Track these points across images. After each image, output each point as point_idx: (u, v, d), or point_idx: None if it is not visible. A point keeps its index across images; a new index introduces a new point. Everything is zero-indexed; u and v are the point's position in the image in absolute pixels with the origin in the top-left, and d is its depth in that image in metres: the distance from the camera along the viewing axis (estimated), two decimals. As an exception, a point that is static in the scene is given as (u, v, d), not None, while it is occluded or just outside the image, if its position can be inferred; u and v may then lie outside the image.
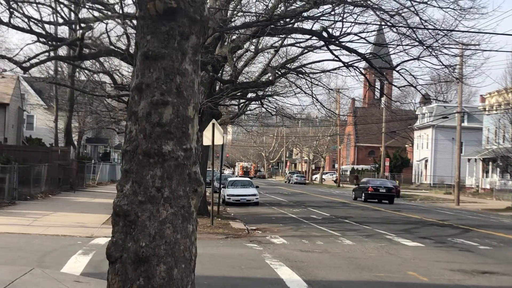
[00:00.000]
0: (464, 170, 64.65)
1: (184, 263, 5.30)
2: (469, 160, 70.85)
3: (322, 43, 26.98)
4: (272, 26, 23.78)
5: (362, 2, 22.92)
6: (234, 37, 28.07)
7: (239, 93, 31.61)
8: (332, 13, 24.07)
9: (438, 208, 43.54)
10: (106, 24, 22.48)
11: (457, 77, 29.94)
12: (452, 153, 68.70)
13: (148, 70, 5.34)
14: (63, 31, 42.00)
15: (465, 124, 69.77)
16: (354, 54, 26.93)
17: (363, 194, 49.64)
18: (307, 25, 26.90)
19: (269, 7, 24.41)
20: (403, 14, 22.51)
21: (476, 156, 68.48)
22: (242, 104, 40.36)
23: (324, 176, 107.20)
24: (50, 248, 16.09)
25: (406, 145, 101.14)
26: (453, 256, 17.94)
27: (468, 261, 16.83)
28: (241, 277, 13.30)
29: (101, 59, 28.13)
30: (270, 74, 29.26)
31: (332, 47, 26.28)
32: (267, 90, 35.86)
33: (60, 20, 25.23)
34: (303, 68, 32.65)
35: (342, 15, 23.91)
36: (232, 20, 26.65)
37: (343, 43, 26.04)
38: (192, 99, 5.43)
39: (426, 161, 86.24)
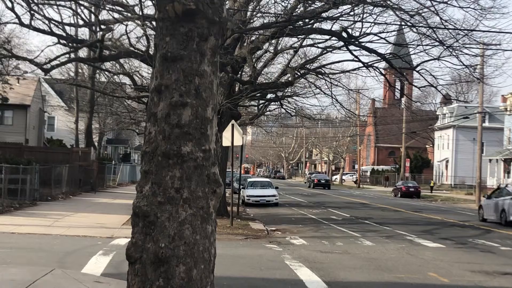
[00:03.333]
0: (485, 171, 64.16)
1: (203, 263, 5.31)
2: (490, 160, 70.24)
3: (341, 43, 26.86)
4: (291, 26, 23.74)
5: (381, 2, 22.77)
6: (253, 38, 28.05)
7: (258, 94, 31.60)
8: (352, 13, 23.95)
9: (459, 209, 43.20)
10: (126, 25, 22.61)
11: (478, 77, 29.66)
12: (473, 154, 68.21)
13: (167, 72, 5.34)
14: (84, 33, 42.22)
15: (486, 124, 69.24)
16: (374, 55, 26.79)
17: (312, 184, 78.34)
18: (326, 25, 26.83)
19: (288, 8, 24.36)
20: (423, 14, 22.36)
21: (498, 157, 67.92)
22: (261, 105, 40.32)
23: (344, 177, 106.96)
24: (71, 249, 16.21)
25: (427, 146, 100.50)
26: (474, 257, 17.80)
27: (489, 262, 16.69)
28: (260, 277, 13.29)
29: (121, 60, 28.27)
30: (289, 75, 29.19)
31: (351, 47, 26.16)
32: (286, 90, 35.79)
33: (81, 22, 25.40)
34: (323, 68, 32.52)
35: (361, 15, 23.80)
36: (251, 21, 26.63)
37: (363, 43, 25.90)
38: (211, 100, 5.44)
39: (447, 161, 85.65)
